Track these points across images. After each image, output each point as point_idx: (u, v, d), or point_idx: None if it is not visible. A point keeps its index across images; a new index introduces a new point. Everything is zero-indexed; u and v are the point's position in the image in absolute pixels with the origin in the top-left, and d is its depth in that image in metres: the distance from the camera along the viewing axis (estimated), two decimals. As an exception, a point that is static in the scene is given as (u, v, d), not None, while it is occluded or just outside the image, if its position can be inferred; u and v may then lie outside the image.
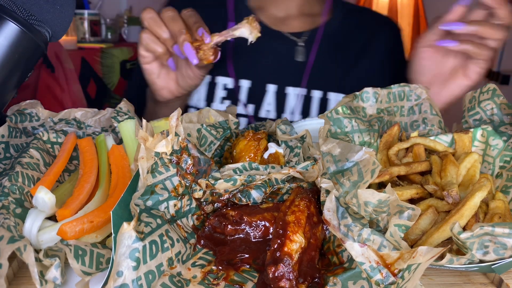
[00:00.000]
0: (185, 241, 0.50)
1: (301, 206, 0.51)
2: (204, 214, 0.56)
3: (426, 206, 0.52)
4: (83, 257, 0.44)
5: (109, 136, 0.69)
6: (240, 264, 0.49)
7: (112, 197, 0.55)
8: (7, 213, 0.49)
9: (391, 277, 0.42)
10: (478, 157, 0.58)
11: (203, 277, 0.47)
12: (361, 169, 0.49)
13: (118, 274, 0.40)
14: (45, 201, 0.50)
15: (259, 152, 0.65)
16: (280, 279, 0.43)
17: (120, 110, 0.73)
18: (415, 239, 0.50)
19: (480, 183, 0.51)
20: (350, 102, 0.65)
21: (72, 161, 0.67)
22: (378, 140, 0.67)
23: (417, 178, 0.58)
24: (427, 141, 0.64)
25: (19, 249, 0.42)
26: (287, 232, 0.47)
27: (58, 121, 0.74)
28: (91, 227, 0.49)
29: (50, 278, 0.42)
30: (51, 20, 0.60)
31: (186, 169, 0.55)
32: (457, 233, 0.42)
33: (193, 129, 0.66)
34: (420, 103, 0.70)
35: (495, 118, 0.66)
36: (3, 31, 0.55)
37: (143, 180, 0.51)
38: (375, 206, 0.45)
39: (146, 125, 0.52)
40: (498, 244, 0.42)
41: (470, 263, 0.43)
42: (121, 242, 0.41)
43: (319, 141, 0.58)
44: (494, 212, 0.51)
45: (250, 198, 0.57)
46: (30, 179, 0.57)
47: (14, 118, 0.69)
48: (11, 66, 0.57)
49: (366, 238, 0.44)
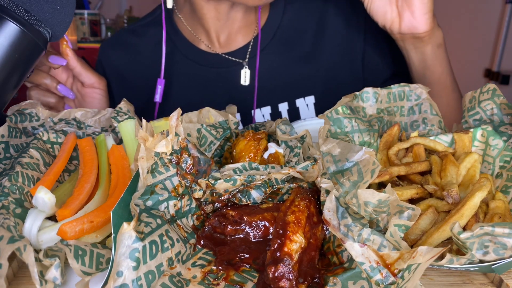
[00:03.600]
0: (185, 241, 0.50)
1: (301, 206, 0.51)
2: (204, 214, 0.56)
3: (426, 206, 0.52)
4: (83, 257, 0.44)
5: (109, 136, 0.69)
6: (240, 264, 0.49)
7: (112, 197, 0.55)
8: (7, 213, 0.49)
9: (391, 277, 0.42)
10: (478, 157, 0.58)
11: (203, 277, 0.47)
12: (361, 169, 0.49)
13: (118, 274, 0.40)
14: (45, 201, 0.50)
15: (259, 152, 0.65)
16: (280, 279, 0.43)
17: (120, 110, 0.73)
18: (415, 239, 0.50)
19: (480, 183, 0.51)
20: (350, 102, 0.65)
21: (72, 161, 0.67)
22: (378, 140, 0.67)
23: (417, 178, 0.58)
24: (427, 141, 0.64)
25: (19, 249, 0.42)
26: (287, 232, 0.47)
27: (58, 121, 0.74)
28: (91, 227, 0.49)
29: (50, 278, 0.42)
30: (51, 20, 0.60)
31: (186, 169, 0.55)
32: (457, 233, 0.42)
33: (193, 129, 0.66)
34: (420, 103, 0.70)
35: (495, 118, 0.66)
36: (3, 31, 0.55)
37: (143, 180, 0.51)
38: (375, 206, 0.45)
39: (146, 125, 0.52)
40: (498, 244, 0.42)
41: (470, 263, 0.43)
42: (121, 242, 0.41)
43: (319, 141, 0.58)
44: (494, 212, 0.51)
45: (250, 198, 0.57)
46: (30, 179, 0.57)
47: (14, 118, 0.69)
48: (11, 66, 0.57)
49: (366, 238, 0.44)
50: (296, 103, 0.98)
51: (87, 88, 0.85)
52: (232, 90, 0.97)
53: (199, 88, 0.98)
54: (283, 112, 0.98)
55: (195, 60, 0.97)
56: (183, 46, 0.97)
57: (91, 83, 0.84)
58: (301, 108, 0.98)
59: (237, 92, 0.97)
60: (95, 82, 0.85)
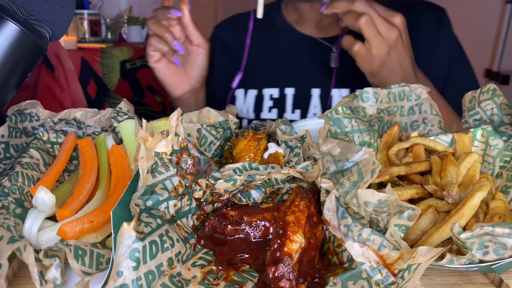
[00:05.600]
0: (185, 241, 0.50)
1: (301, 206, 0.51)
2: (204, 214, 0.56)
3: (426, 206, 0.52)
4: (83, 257, 0.44)
5: (109, 136, 0.69)
6: (240, 264, 0.49)
7: (112, 197, 0.55)
8: (7, 213, 0.49)
9: (391, 277, 0.42)
10: (478, 157, 0.58)
11: (203, 277, 0.47)
12: (361, 169, 0.49)
13: (118, 274, 0.40)
14: (45, 201, 0.50)
15: (259, 152, 0.65)
16: (280, 279, 0.43)
17: (120, 110, 0.73)
18: (415, 239, 0.50)
19: (480, 183, 0.51)
20: (350, 102, 0.65)
21: (72, 161, 0.67)
22: (378, 140, 0.67)
23: (417, 178, 0.58)
24: (427, 141, 0.64)
25: (19, 249, 0.42)
26: (287, 232, 0.47)
27: (58, 121, 0.74)
28: (91, 227, 0.49)
29: (50, 278, 0.42)
30: (51, 20, 0.60)
31: (186, 169, 0.55)
32: (457, 233, 0.42)
33: (193, 129, 0.66)
34: (420, 103, 0.70)
35: (495, 118, 0.66)
36: (3, 31, 0.55)
37: (143, 180, 0.51)
38: (375, 206, 0.45)
39: (146, 125, 0.52)
40: (498, 244, 0.42)
41: (470, 263, 0.43)
42: (121, 242, 0.41)
43: (319, 141, 0.58)
44: (494, 212, 0.51)
45: (250, 198, 0.57)
46: (30, 179, 0.57)
47: (14, 118, 0.69)
48: (11, 66, 0.57)
49: (366, 238, 0.44)
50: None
51: (194, 46, 0.99)
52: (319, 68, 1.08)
53: (290, 60, 1.11)
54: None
55: (292, 39, 1.11)
56: (284, 28, 1.12)
57: (198, 42, 0.98)
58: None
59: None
60: (201, 43, 0.99)
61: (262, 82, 1.11)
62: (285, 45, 1.11)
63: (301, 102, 1.08)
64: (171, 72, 1.00)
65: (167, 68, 0.99)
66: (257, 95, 1.10)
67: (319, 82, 1.07)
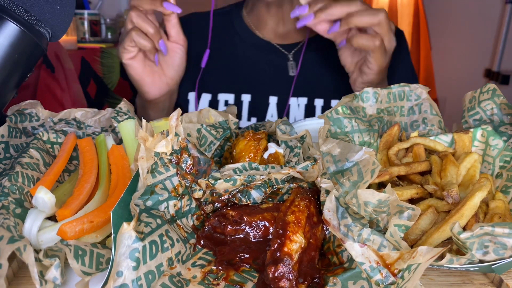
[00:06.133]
0: (185, 241, 0.50)
1: (301, 206, 0.51)
2: (204, 214, 0.56)
3: (426, 206, 0.52)
4: (83, 257, 0.44)
5: (109, 136, 0.69)
6: (240, 264, 0.49)
7: (112, 197, 0.55)
8: (7, 213, 0.49)
9: (391, 277, 0.42)
10: (478, 157, 0.58)
11: (203, 277, 0.47)
12: (361, 169, 0.49)
13: (118, 274, 0.40)
14: (45, 201, 0.50)
15: (259, 152, 0.65)
16: (280, 279, 0.43)
17: (120, 110, 0.73)
18: (415, 239, 0.50)
19: (480, 183, 0.51)
20: (350, 102, 0.65)
21: (72, 161, 0.67)
22: (378, 140, 0.67)
23: (417, 178, 0.58)
24: (427, 141, 0.64)
25: (19, 249, 0.42)
26: (287, 232, 0.47)
27: (58, 121, 0.74)
28: (91, 227, 0.49)
29: (50, 278, 0.42)
30: (51, 20, 0.60)
31: (186, 169, 0.55)
32: (457, 233, 0.42)
33: (193, 129, 0.66)
34: (420, 103, 0.70)
35: (495, 118, 0.66)
36: (3, 31, 0.55)
37: (143, 180, 0.51)
38: (375, 206, 0.45)
39: (146, 125, 0.52)
40: (498, 244, 0.42)
41: (470, 263, 0.43)
42: (121, 242, 0.41)
43: (319, 141, 0.58)
44: (494, 212, 0.51)
45: (250, 198, 0.57)
46: (30, 179, 0.57)
47: (14, 118, 0.69)
48: (11, 66, 0.57)
49: (366, 238, 0.44)
50: (332, 103, 1.04)
51: (172, 42, 0.92)
52: (277, 77, 1.06)
53: (247, 66, 1.08)
54: (317, 107, 1.04)
55: (250, 43, 1.07)
56: (243, 32, 1.09)
57: (178, 38, 0.91)
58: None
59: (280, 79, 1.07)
60: (180, 40, 0.92)
61: (217, 87, 1.05)
62: (243, 49, 1.07)
63: (257, 109, 1.04)
64: (147, 71, 0.90)
65: (143, 67, 0.89)
66: (211, 100, 1.04)
67: (277, 89, 1.03)
